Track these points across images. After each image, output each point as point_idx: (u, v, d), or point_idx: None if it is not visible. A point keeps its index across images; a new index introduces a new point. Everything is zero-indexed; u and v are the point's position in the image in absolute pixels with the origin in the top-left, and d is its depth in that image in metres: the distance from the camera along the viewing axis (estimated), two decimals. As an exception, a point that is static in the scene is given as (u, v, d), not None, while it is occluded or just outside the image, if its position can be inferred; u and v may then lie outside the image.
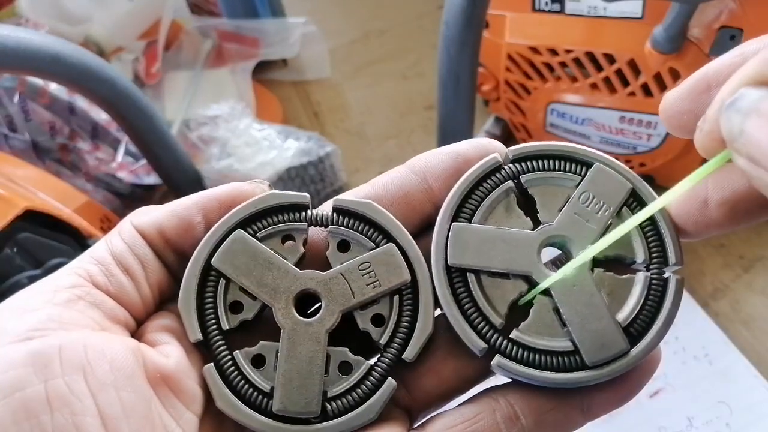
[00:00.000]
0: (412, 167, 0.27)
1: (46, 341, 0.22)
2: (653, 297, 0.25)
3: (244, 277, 0.26)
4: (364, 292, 0.26)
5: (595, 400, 0.25)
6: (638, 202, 0.26)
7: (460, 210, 0.26)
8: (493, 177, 0.27)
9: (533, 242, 0.26)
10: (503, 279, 0.26)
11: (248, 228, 0.26)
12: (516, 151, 0.27)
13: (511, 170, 0.27)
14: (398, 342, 0.26)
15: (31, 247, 0.51)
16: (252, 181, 0.27)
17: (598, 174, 0.26)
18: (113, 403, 0.21)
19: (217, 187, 0.27)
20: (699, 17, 0.58)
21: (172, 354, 0.24)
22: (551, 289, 0.25)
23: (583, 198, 0.26)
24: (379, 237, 0.27)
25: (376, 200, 0.27)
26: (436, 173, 0.27)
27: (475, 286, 0.26)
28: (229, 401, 0.25)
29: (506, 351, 0.25)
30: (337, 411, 0.25)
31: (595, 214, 0.26)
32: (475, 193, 0.26)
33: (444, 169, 0.27)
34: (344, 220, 0.27)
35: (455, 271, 0.26)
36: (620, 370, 0.24)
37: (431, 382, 0.26)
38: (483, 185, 0.27)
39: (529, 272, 0.25)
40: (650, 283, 0.25)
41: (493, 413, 0.25)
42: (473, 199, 0.26)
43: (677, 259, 0.25)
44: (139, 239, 0.25)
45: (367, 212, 0.26)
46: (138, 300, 0.25)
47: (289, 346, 0.25)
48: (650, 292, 0.25)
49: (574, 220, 0.26)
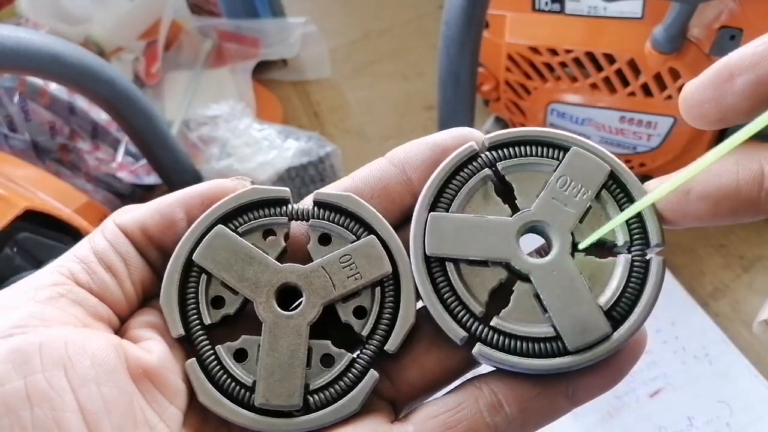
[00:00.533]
0: (391, 159, 0.28)
1: (26, 338, 0.22)
2: (635, 279, 0.25)
3: (225, 271, 0.26)
4: (345, 284, 0.26)
5: (580, 386, 0.25)
6: (617, 184, 0.26)
7: (438, 200, 0.26)
8: (470, 165, 0.26)
9: (511, 229, 0.26)
10: (482, 267, 0.26)
11: (229, 223, 0.26)
12: (492, 139, 0.27)
13: (488, 158, 0.27)
14: (380, 334, 0.26)
15: (31, 247, 0.51)
16: (234, 178, 0.28)
17: (575, 157, 0.26)
18: (94, 399, 0.21)
19: (199, 183, 0.27)
20: (699, 17, 0.58)
21: (154, 349, 0.24)
22: (531, 275, 0.25)
23: (560, 182, 0.26)
24: (360, 229, 0.27)
25: (357, 193, 0.27)
26: (414, 164, 0.27)
27: (454, 275, 0.25)
28: (212, 396, 0.25)
29: (487, 339, 0.25)
30: (319, 403, 0.25)
31: (573, 198, 0.26)
32: (453, 182, 0.26)
33: (422, 160, 0.27)
34: (325, 214, 0.27)
35: (434, 260, 0.26)
36: (603, 353, 0.24)
37: (415, 373, 0.26)
38: (460, 174, 0.26)
39: (507, 259, 0.25)
40: (632, 265, 0.25)
41: (476, 402, 0.24)
42: (450, 189, 0.26)
43: (659, 240, 0.25)
44: (121, 237, 0.26)
45: (348, 205, 0.27)
46: (121, 297, 0.25)
47: (270, 340, 0.25)
48: (632, 274, 0.25)
49: (552, 205, 0.26)
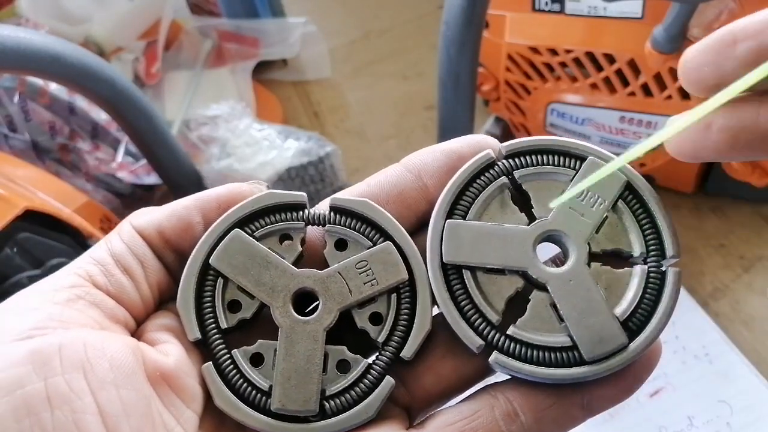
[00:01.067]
0: (406, 165, 0.28)
1: (45, 339, 0.22)
2: (651, 290, 0.25)
3: (242, 276, 0.26)
4: (362, 290, 0.26)
5: (595, 396, 0.25)
6: (633, 195, 0.26)
7: (455, 207, 0.26)
8: (487, 173, 0.27)
9: (528, 237, 0.26)
10: (499, 275, 0.26)
11: (246, 227, 0.26)
12: (509, 147, 0.27)
13: (505, 166, 0.27)
14: (396, 340, 0.26)
15: (31, 247, 0.51)
16: (250, 182, 0.28)
17: (591, 167, 0.26)
18: (113, 401, 0.21)
19: (216, 187, 0.27)
20: (699, 17, 0.58)
21: (171, 353, 0.24)
22: (548, 284, 0.25)
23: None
24: (377, 235, 0.27)
25: (372, 198, 0.27)
26: (430, 171, 0.27)
27: (471, 283, 0.25)
28: (228, 400, 0.25)
29: (504, 347, 0.25)
30: (335, 409, 0.25)
31: (590, 208, 0.26)
32: (469, 189, 0.26)
33: (438, 167, 0.27)
34: (342, 219, 0.27)
35: (451, 268, 0.26)
36: (619, 364, 0.24)
37: (430, 380, 0.26)
38: (477, 182, 0.26)
39: (525, 268, 0.25)
40: (648, 276, 0.25)
41: (492, 410, 0.24)
42: (467, 196, 0.26)
43: (675, 252, 0.25)
44: (138, 239, 0.26)
45: (365, 211, 0.27)
46: (138, 300, 0.25)
47: (287, 345, 0.25)
48: (648, 285, 0.25)
49: (569, 214, 0.26)
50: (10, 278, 0.49)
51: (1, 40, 0.47)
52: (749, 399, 0.63)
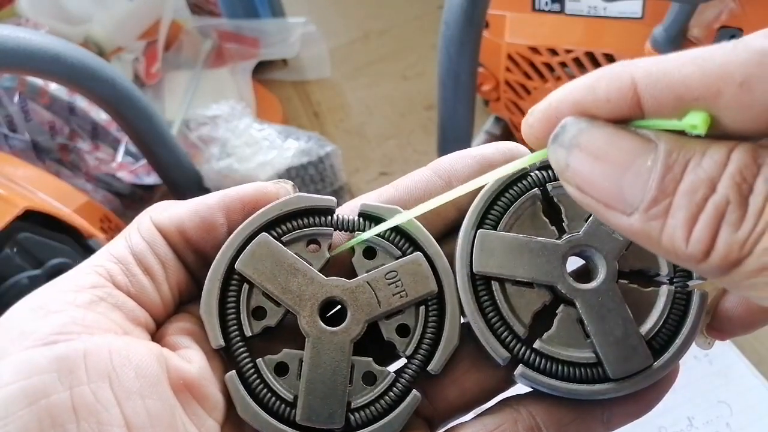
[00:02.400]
0: (436, 170, 0.27)
1: (70, 345, 0.21)
2: (676, 310, 0.25)
3: (268, 282, 0.25)
4: (390, 301, 0.25)
5: (616, 412, 0.25)
6: None
7: (486, 216, 0.26)
8: (519, 184, 0.26)
9: (558, 251, 0.25)
10: (528, 288, 0.25)
11: (272, 231, 0.26)
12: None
13: (538, 178, 0.26)
14: (423, 353, 0.25)
15: (31, 247, 0.51)
16: (276, 182, 0.27)
17: None
18: (139, 412, 0.21)
19: (239, 186, 0.26)
20: (699, 17, 0.58)
21: (194, 359, 0.24)
22: (576, 300, 0.25)
23: None
24: (406, 245, 0.26)
25: (400, 203, 0.26)
26: (461, 177, 0.26)
27: (499, 295, 0.25)
28: (253, 411, 0.24)
29: (529, 361, 0.25)
30: (360, 422, 0.25)
31: None
32: (501, 199, 0.26)
33: (469, 174, 0.26)
34: (370, 226, 0.26)
35: (479, 278, 0.25)
36: (643, 383, 0.24)
37: (454, 393, 0.26)
38: (509, 192, 0.26)
39: (554, 282, 0.25)
40: (674, 297, 0.25)
41: (515, 424, 0.24)
42: (499, 206, 0.26)
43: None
44: (159, 237, 0.25)
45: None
46: (158, 301, 0.25)
47: (313, 355, 0.25)
48: (674, 306, 0.25)
49: (601, 231, 0.25)
50: (10, 278, 0.49)
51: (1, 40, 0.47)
52: (749, 399, 0.63)
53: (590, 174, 0.18)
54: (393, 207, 0.26)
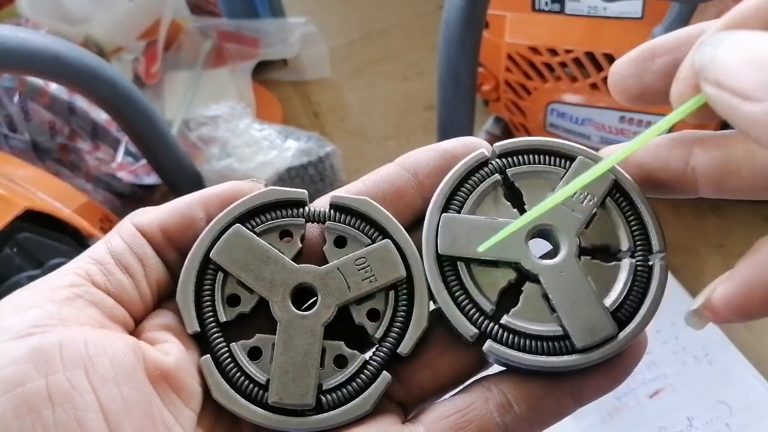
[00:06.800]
0: (402, 164, 0.28)
1: (46, 337, 0.22)
2: (639, 282, 0.26)
3: (242, 270, 0.26)
4: (360, 287, 0.26)
5: (586, 386, 0.25)
6: (620, 193, 0.27)
7: (450, 202, 0.27)
8: (481, 171, 0.27)
9: (521, 231, 0.26)
10: (493, 267, 0.26)
11: (246, 223, 0.27)
12: (502, 147, 0.28)
13: (498, 164, 0.28)
14: (393, 336, 0.26)
15: (31, 247, 0.51)
16: (250, 180, 0.28)
17: (581, 167, 0.27)
18: (115, 399, 0.21)
19: (217, 185, 0.27)
20: (699, 17, 0.58)
21: (171, 351, 0.24)
22: (540, 276, 0.26)
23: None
24: (376, 233, 0.27)
25: (369, 196, 0.27)
26: (426, 169, 0.28)
27: (465, 275, 0.26)
28: (226, 393, 0.25)
29: (497, 336, 0.25)
30: (332, 403, 0.25)
31: (580, 204, 0.27)
32: (464, 186, 0.27)
33: (434, 166, 0.28)
34: (341, 217, 0.27)
35: (446, 260, 0.26)
36: (610, 352, 0.25)
37: (426, 377, 0.27)
38: (471, 179, 0.27)
39: (517, 260, 0.26)
40: (635, 270, 0.26)
41: (486, 402, 0.25)
42: (462, 192, 0.27)
43: (661, 246, 0.26)
44: (139, 237, 0.26)
45: (364, 209, 0.27)
46: (137, 298, 0.25)
47: (285, 339, 0.25)
48: (636, 278, 0.26)
49: (560, 210, 0.26)
50: (10, 278, 0.49)
51: (1, 40, 0.47)
52: (749, 400, 0.63)
53: (735, 63, 0.18)
54: (362, 198, 0.27)
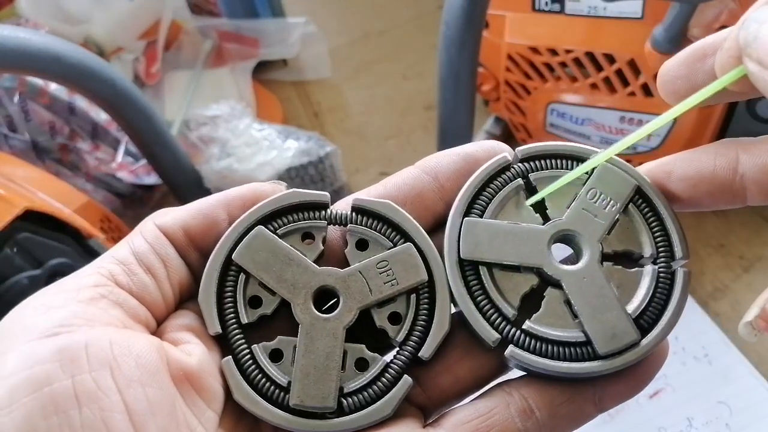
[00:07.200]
0: (422, 168, 0.28)
1: (71, 337, 0.22)
2: (662, 289, 0.26)
3: (264, 272, 0.26)
4: (382, 290, 0.26)
5: (607, 392, 0.25)
6: (643, 198, 0.27)
7: (472, 206, 0.27)
8: (503, 175, 0.27)
9: (543, 236, 0.26)
10: (515, 272, 0.26)
11: (269, 225, 0.27)
12: (524, 151, 0.28)
13: (520, 169, 0.27)
14: (414, 340, 0.26)
15: (31, 247, 0.51)
16: (272, 182, 0.28)
17: (604, 172, 0.27)
18: (140, 400, 0.22)
19: (238, 186, 0.27)
20: (699, 17, 0.58)
21: (194, 353, 0.24)
22: (562, 281, 0.26)
23: (590, 194, 0.27)
24: (397, 236, 0.27)
25: (391, 200, 0.27)
26: (447, 173, 0.27)
27: (487, 279, 0.26)
28: (247, 394, 0.25)
29: (519, 341, 0.25)
30: (353, 406, 0.25)
31: (602, 210, 0.26)
32: (486, 190, 0.27)
33: (455, 170, 0.27)
34: (363, 219, 0.27)
35: (468, 264, 0.26)
36: (632, 359, 0.25)
37: (447, 380, 0.26)
38: (493, 183, 0.27)
39: (540, 265, 0.26)
40: (658, 276, 0.26)
41: (508, 407, 0.25)
42: (484, 196, 0.27)
43: (684, 254, 0.26)
44: (162, 238, 0.26)
45: (386, 212, 0.27)
46: (159, 299, 0.25)
47: (306, 341, 0.25)
48: (659, 285, 0.26)
49: (583, 215, 0.26)
50: (10, 278, 0.49)
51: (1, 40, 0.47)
52: (749, 400, 0.63)
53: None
54: (384, 201, 0.27)
